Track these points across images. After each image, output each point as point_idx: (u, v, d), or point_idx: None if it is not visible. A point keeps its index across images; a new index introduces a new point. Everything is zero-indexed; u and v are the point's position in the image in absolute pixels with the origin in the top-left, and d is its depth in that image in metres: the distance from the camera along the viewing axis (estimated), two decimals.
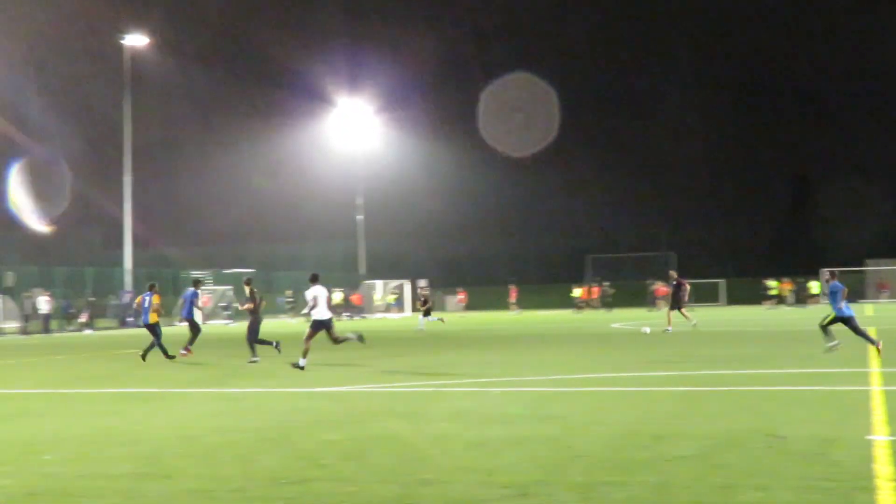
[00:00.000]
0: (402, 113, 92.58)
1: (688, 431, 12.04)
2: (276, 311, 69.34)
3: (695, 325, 37.32)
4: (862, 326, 23.16)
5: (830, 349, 22.81)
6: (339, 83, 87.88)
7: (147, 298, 27.74)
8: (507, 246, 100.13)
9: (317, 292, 23.35)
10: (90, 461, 10.95)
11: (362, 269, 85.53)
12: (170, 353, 26.58)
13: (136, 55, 65.42)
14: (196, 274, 67.60)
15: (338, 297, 67.19)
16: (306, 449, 11.41)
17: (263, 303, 28.14)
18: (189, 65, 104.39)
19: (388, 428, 13.01)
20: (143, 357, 26.49)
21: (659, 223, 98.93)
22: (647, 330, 35.33)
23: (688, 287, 39.22)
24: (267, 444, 11.80)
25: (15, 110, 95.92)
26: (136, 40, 64.03)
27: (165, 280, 67.98)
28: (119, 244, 65.64)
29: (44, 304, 52.63)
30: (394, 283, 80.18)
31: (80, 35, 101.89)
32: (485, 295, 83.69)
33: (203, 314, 64.81)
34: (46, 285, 56.90)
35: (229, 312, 65.08)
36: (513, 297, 73.73)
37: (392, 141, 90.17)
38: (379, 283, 78.88)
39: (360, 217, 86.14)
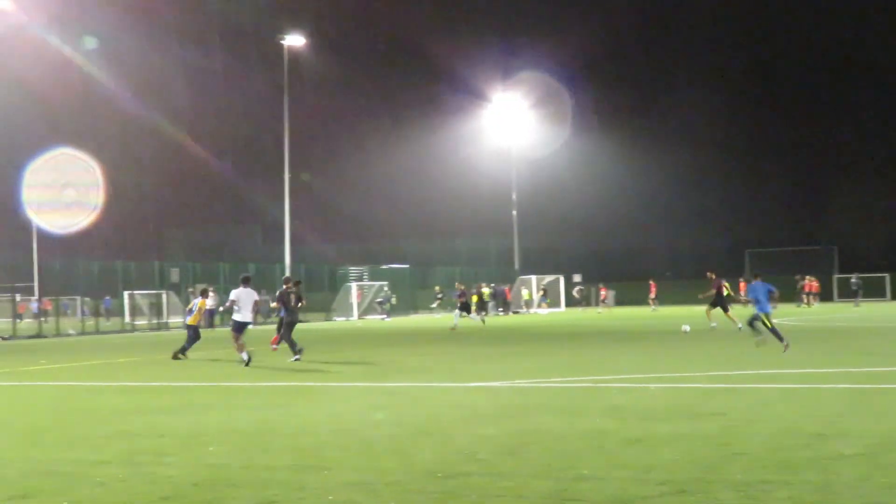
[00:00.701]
0: (557, 107, 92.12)
1: (853, 430, 11.70)
2: (427, 305, 69.81)
3: (714, 326, 36.09)
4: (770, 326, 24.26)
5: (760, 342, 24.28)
6: (494, 78, 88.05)
7: (195, 302, 28.87)
8: (666, 240, 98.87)
9: (237, 295, 24.74)
10: (253, 453, 11.20)
11: (517, 264, 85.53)
12: (181, 355, 27.09)
13: (295, 55, 66.68)
14: (354, 270, 68.75)
15: (485, 291, 67.45)
16: (463, 443, 11.46)
17: (302, 303, 28.79)
18: (345, 63, 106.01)
19: (543, 423, 12.99)
20: (179, 355, 27.10)
21: (820, 216, 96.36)
22: (687, 328, 34.32)
23: (724, 288, 37.82)
24: (424, 438, 11.90)
25: (180, 112, 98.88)
26: (294, 40, 65.30)
27: (322, 276, 69.23)
28: (279, 241, 67.02)
29: (209, 299, 54.06)
30: (548, 278, 79.92)
31: (241, 37, 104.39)
32: (639, 290, 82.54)
33: (360, 308, 65.93)
34: (210, 281, 58.50)
35: (385, 307, 65.83)
36: (652, 293, 72.86)
37: (546, 135, 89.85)
38: (534, 279, 78.73)
39: (514, 212, 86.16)
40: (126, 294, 62.14)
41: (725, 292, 36.15)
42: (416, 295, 75.13)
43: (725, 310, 35.87)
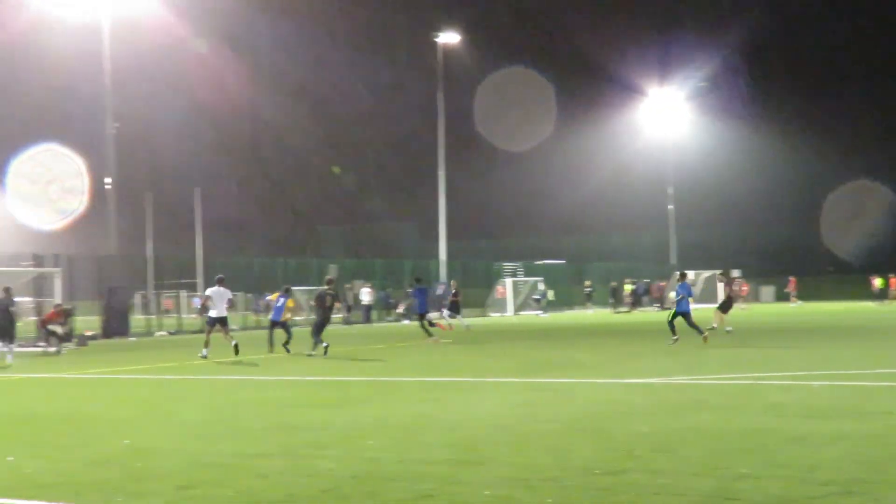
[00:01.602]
0: (713, 99, 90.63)
1: None
2: (581, 302, 69.34)
3: (712, 328, 34.64)
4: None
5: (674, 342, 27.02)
6: (650, 72, 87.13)
7: (282, 300, 29.75)
8: (826, 233, 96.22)
9: (210, 292, 27.54)
10: (409, 447, 11.30)
11: (673, 259, 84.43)
12: (276, 350, 28.54)
13: (449, 52, 67.08)
14: (509, 265, 68.81)
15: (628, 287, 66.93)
16: (619, 440, 11.36)
17: (337, 305, 30.64)
18: (499, 60, 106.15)
19: (701, 420, 12.79)
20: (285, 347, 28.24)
21: None
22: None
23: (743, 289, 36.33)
24: (580, 435, 11.84)
25: (336, 110, 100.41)
26: (448, 38, 65.69)
27: (478, 272, 69.46)
28: (434, 237, 67.54)
29: (365, 295, 54.82)
30: (705, 273, 78.62)
31: (395, 35, 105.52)
32: (813, 286, 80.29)
33: (515, 304, 65.94)
34: (367, 277, 59.31)
35: (542, 303, 65.69)
36: (791, 288, 71.01)
37: (703, 128, 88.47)
38: (690, 274, 77.54)
39: (670, 206, 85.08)
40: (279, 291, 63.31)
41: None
42: (572, 291, 74.81)
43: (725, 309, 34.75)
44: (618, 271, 76.25)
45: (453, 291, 43.81)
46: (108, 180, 50.65)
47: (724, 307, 34.82)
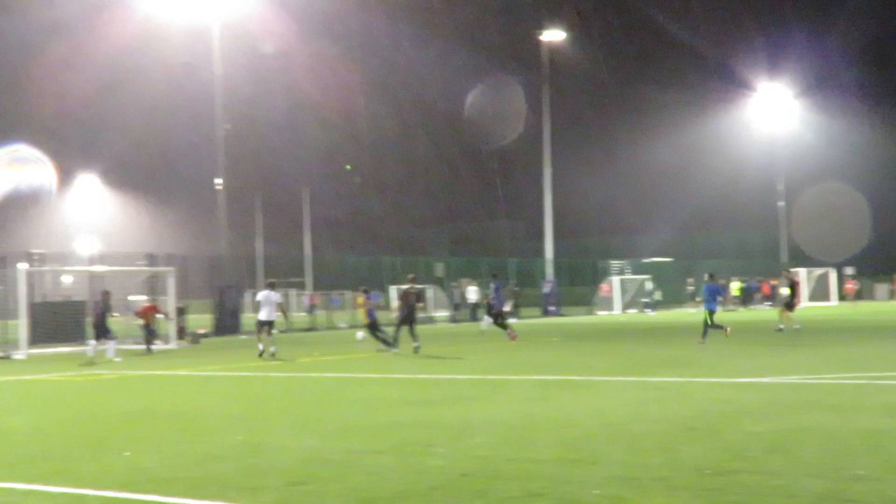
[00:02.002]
0: (824, 96, 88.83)
1: None
2: (683, 300, 68.50)
3: (780, 329, 33.62)
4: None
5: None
6: (759, 68, 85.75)
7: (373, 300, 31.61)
8: None
9: (260, 297, 28.52)
10: (518, 445, 11.30)
11: (784, 256, 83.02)
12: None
13: (554, 49, 66.85)
14: (616, 264, 68.36)
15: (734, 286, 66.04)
16: (731, 440, 11.21)
17: (422, 304, 31.45)
18: (605, 56, 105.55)
19: (815, 420, 12.56)
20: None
21: None
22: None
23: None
24: (691, 434, 11.71)
25: (441, 109, 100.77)
26: (553, 35, 65.48)
27: (584, 270, 69.14)
28: (540, 235, 67.38)
29: (472, 293, 54.92)
30: (818, 271, 77.18)
31: (499, 33, 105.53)
32: None
33: (622, 303, 65.49)
34: (473, 275, 59.41)
35: (648, 301, 65.14)
36: None
37: (814, 123, 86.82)
38: (802, 272, 76.20)
39: (781, 203, 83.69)
40: (393, 288, 63.87)
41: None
42: (680, 289, 74.08)
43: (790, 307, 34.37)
44: (727, 269, 75.22)
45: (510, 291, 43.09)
46: (218, 181, 51.50)
47: (790, 305, 34.38)
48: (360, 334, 33.87)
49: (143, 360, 28.74)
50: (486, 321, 39.07)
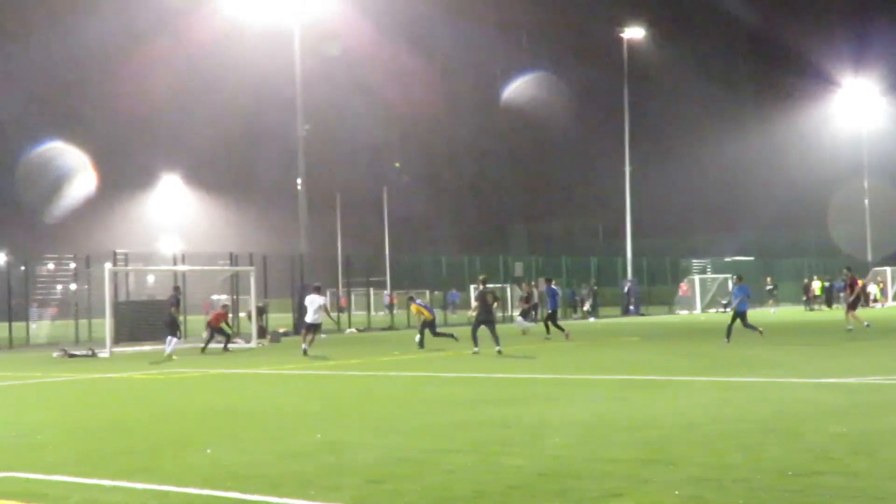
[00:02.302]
0: None
1: None
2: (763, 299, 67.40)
3: (850, 329, 32.73)
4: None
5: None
6: (845, 64, 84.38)
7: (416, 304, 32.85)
8: None
9: (307, 301, 30.09)
10: (595, 445, 11.25)
11: (870, 255, 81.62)
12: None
13: (636, 47, 66.44)
14: (697, 262, 67.69)
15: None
16: (814, 441, 11.06)
17: (497, 303, 30.81)
18: (686, 53, 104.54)
19: None
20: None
21: None
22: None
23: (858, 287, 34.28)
24: (772, 435, 11.56)
25: (521, 107, 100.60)
26: (634, 32, 65.11)
27: (665, 269, 68.61)
28: (620, 234, 66.99)
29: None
30: None
31: (580, 31, 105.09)
32: None
33: (703, 302, 64.85)
34: (553, 275, 59.23)
35: (726, 301, 64.44)
36: None
37: None
38: (888, 270, 74.85)
39: (867, 201, 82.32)
40: (472, 287, 63.89)
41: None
42: (762, 288, 73.20)
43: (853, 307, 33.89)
44: (811, 268, 74.21)
45: (525, 295, 42.61)
46: (299, 181, 51.96)
47: (853, 305, 33.83)
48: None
49: (223, 359, 29.10)
50: (521, 322, 39.70)
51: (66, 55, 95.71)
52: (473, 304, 30.34)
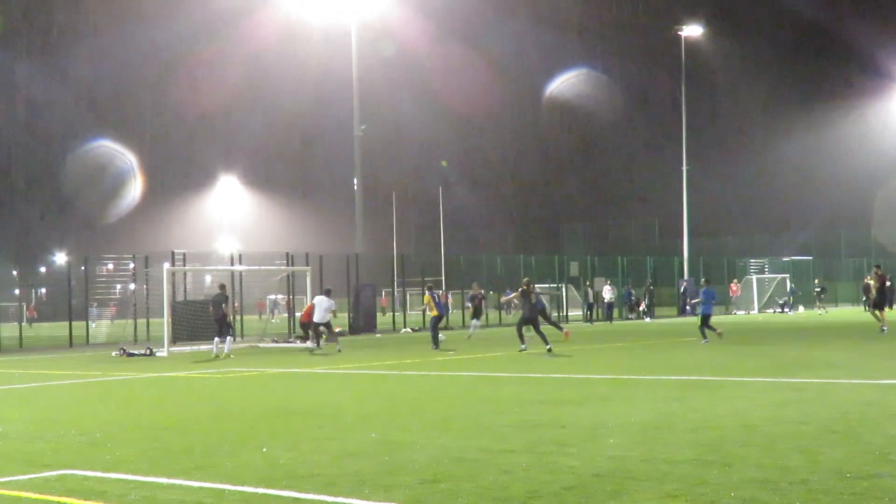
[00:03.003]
0: None
1: None
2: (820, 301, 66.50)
3: (883, 330, 32.17)
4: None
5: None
6: None
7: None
8: None
9: (315, 301, 32.28)
10: (652, 446, 11.16)
11: None
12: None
13: (693, 45, 66.00)
14: (754, 262, 67.10)
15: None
16: (875, 443, 10.90)
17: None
18: (744, 50, 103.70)
19: None
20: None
21: None
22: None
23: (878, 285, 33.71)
24: (832, 437, 11.42)
25: (576, 105, 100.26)
26: (692, 31, 64.73)
27: (721, 269, 68.05)
28: (677, 233, 66.56)
29: (607, 292, 54.53)
30: None
31: (637, 29, 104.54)
32: None
33: (759, 303, 64.23)
34: (608, 274, 59.01)
35: (785, 301, 63.85)
36: None
37: None
38: None
39: None
40: None
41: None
42: (812, 290, 72.39)
43: (880, 307, 33.57)
44: (870, 268, 73.12)
45: (476, 295, 40.16)
46: (355, 181, 52.19)
47: (878, 304, 33.33)
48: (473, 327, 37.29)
49: (280, 358, 29.26)
50: (475, 324, 38.87)
51: (126, 57, 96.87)
52: (514, 302, 30.87)
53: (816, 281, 66.26)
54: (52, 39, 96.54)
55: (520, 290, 28.48)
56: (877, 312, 34.03)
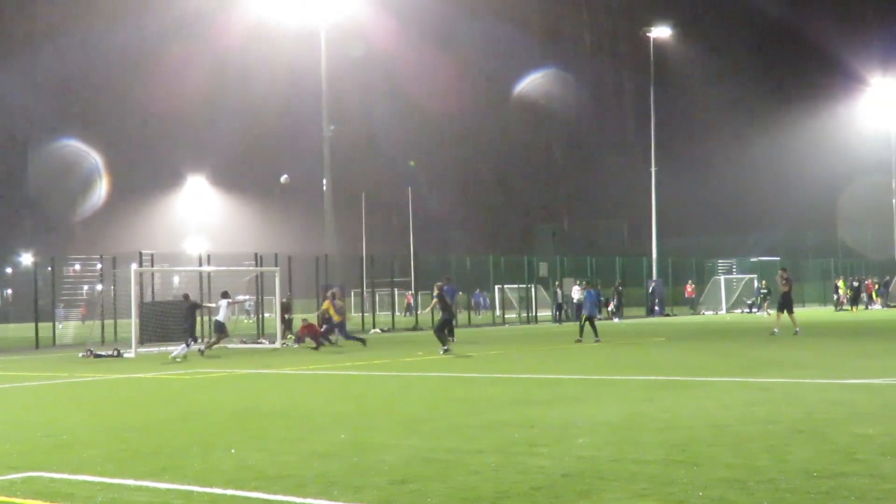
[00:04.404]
0: None
1: None
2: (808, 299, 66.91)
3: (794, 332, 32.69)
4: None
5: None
6: (873, 62, 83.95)
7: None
8: None
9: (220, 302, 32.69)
10: (622, 446, 11.19)
11: None
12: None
13: (662, 46, 66.27)
14: (722, 263, 67.46)
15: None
16: (841, 442, 10.97)
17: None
18: (713, 51, 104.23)
19: None
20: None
21: None
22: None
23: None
24: (799, 436, 11.49)
25: (545, 108, 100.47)
26: (660, 32, 64.97)
27: (690, 269, 68.35)
28: (646, 234, 66.80)
29: (576, 293, 54.59)
30: None
31: (605, 31, 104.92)
32: None
33: (727, 304, 64.53)
34: (577, 275, 59.12)
35: (749, 302, 64.19)
36: None
37: None
38: None
39: (895, 201, 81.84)
40: (497, 288, 63.87)
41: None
42: (758, 291, 72.81)
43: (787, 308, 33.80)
44: (837, 268, 73.80)
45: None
46: (324, 181, 52.08)
47: (782, 307, 33.63)
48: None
49: (248, 359, 29.15)
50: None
51: (93, 57, 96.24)
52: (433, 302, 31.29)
53: (764, 283, 66.30)
54: (17, 38, 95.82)
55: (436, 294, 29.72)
56: (783, 314, 34.20)
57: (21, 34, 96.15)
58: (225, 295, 33.14)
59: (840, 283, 65.62)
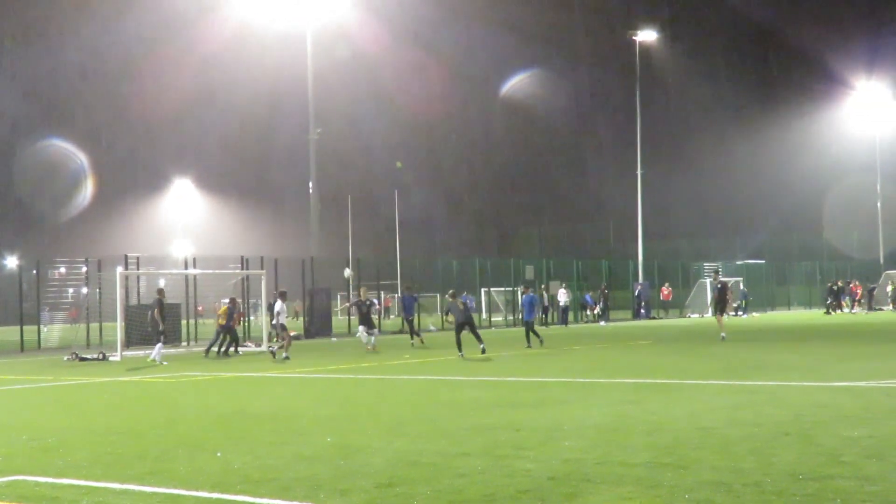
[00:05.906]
0: None
1: None
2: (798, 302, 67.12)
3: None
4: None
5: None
6: (858, 66, 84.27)
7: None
8: None
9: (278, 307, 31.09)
10: (608, 448, 11.20)
11: (882, 257, 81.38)
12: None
13: (648, 50, 66.37)
14: (708, 265, 67.54)
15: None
16: (826, 445, 11.00)
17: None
18: (699, 55, 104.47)
19: None
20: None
21: None
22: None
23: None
24: (785, 439, 11.51)
25: (533, 109, 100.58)
26: (646, 35, 65.06)
27: (676, 272, 68.45)
28: (632, 237, 66.88)
29: (562, 296, 54.67)
30: None
31: (591, 34, 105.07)
32: None
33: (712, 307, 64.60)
34: (563, 278, 59.15)
35: (735, 305, 64.28)
36: None
37: None
38: None
39: (879, 203, 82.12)
40: (483, 291, 63.86)
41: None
42: (774, 291, 72.98)
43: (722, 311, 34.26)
44: (824, 271, 73.96)
45: (368, 301, 34.50)
46: (310, 184, 52.04)
47: (720, 308, 33.75)
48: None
49: (235, 362, 29.10)
50: (362, 332, 33.03)
51: (79, 60, 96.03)
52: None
53: (742, 287, 66.29)
54: (1, 40, 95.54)
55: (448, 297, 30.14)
56: (718, 318, 34.37)
57: (5, 32, 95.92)
58: (283, 296, 32.13)
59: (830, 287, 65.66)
